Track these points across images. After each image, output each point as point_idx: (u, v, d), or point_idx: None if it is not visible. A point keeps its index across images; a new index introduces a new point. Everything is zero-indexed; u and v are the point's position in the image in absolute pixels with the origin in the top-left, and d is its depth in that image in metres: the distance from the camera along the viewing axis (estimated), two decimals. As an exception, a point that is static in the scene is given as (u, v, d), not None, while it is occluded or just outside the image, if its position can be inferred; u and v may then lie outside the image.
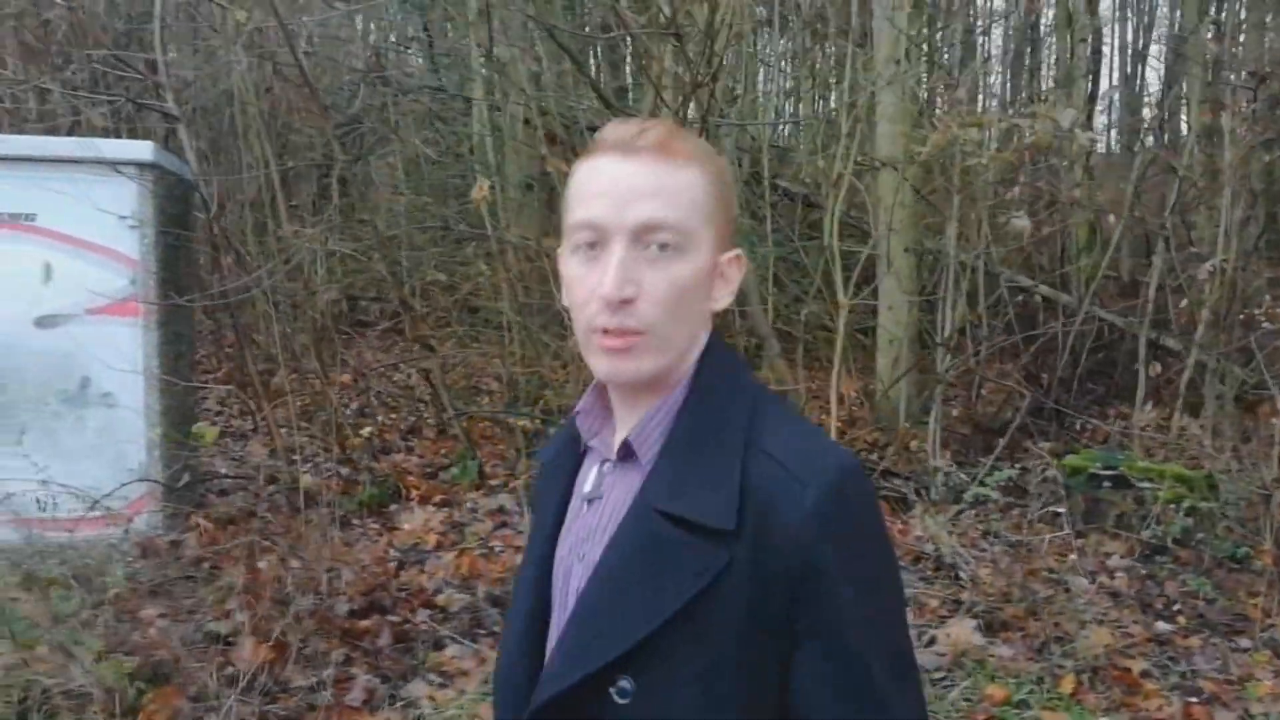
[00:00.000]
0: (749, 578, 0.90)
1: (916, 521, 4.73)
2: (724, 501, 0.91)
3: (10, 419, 4.18)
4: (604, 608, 0.93)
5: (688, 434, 0.96)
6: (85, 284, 4.22)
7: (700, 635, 0.90)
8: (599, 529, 0.99)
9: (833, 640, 0.90)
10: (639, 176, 0.93)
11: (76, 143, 4.38)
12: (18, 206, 4.14)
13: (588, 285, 0.94)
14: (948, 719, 2.96)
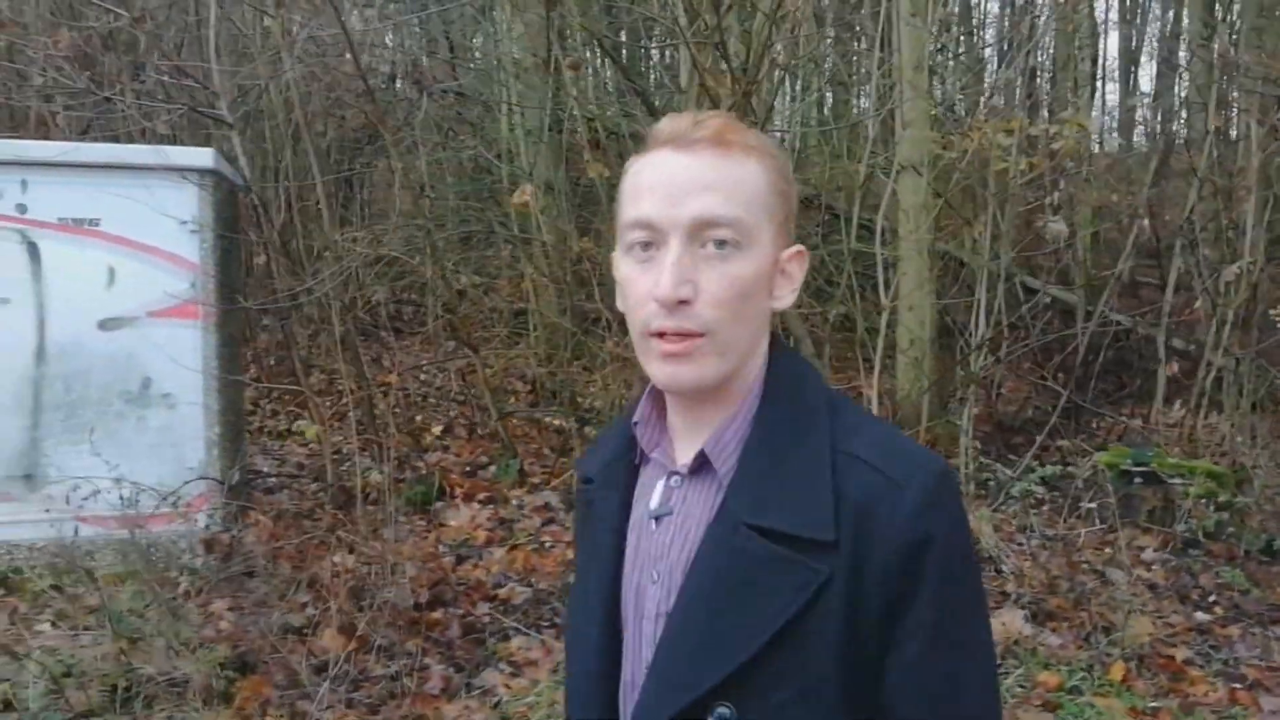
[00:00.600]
0: (849, 588, 0.86)
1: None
2: (819, 511, 0.87)
3: (76, 419, 4.29)
4: (698, 631, 0.89)
5: (769, 442, 0.91)
6: (147, 287, 4.33)
7: (800, 653, 0.86)
8: (673, 546, 0.93)
9: (932, 644, 0.87)
10: (695, 170, 0.88)
11: (140, 150, 4.48)
12: (83, 212, 4.24)
13: (643, 287, 0.89)
14: (1004, 704, 3.08)
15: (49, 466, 4.28)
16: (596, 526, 1.01)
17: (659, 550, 0.94)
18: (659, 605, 0.93)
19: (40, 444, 4.27)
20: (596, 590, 0.98)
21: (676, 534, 0.93)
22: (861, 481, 0.87)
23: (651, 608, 0.94)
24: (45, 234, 4.22)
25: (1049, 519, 4.73)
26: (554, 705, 3.05)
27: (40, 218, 4.20)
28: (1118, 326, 7.12)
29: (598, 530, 1.00)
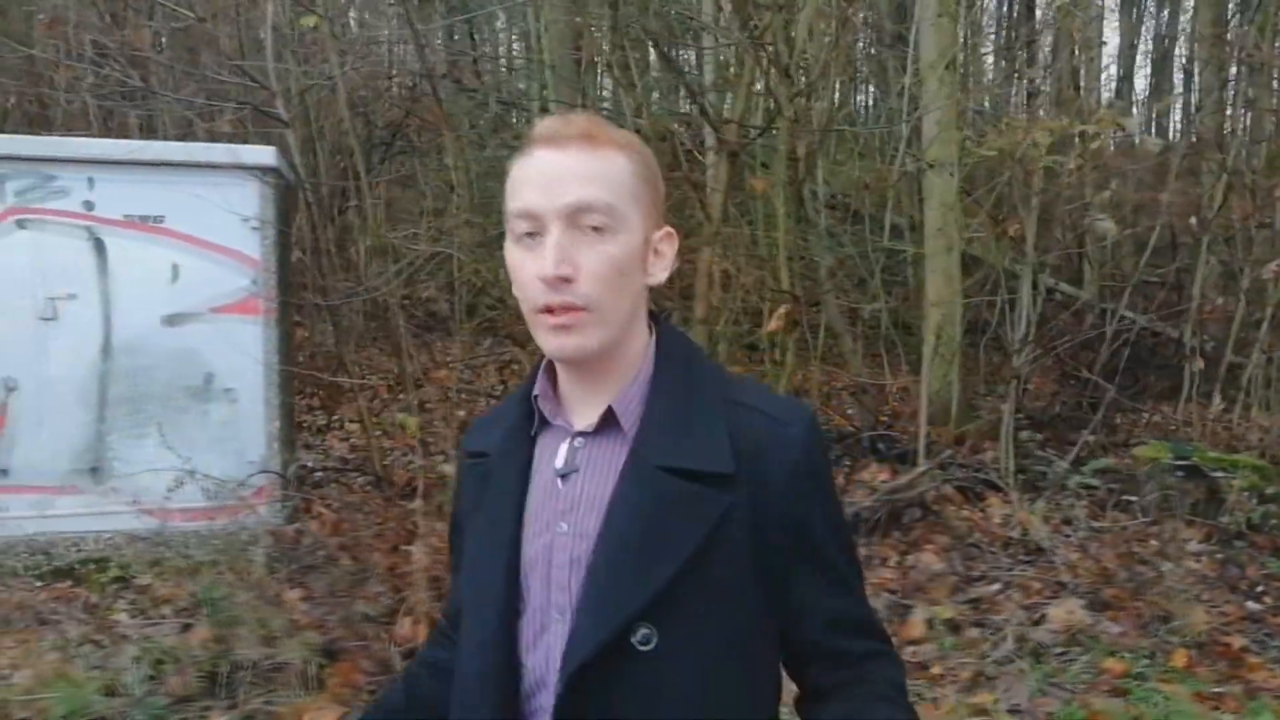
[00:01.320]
0: (749, 515, 0.99)
1: (994, 509, 4.95)
2: (719, 449, 0.99)
3: (141, 413, 4.36)
4: (620, 564, 0.98)
5: (669, 399, 1.03)
6: (210, 283, 4.39)
7: (710, 571, 0.98)
8: (583, 498, 1.02)
9: (830, 549, 1.04)
10: (567, 164, 0.98)
11: (205, 148, 4.55)
12: (148, 209, 4.31)
13: (530, 269, 0.99)
14: (1073, 689, 3.16)
15: (114, 460, 4.35)
16: (495, 494, 1.08)
17: (567, 504, 1.03)
18: (570, 551, 1.01)
19: (106, 438, 4.33)
20: (501, 547, 1.04)
21: (585, 486, 1.03)
22: (752, 423, 1.02)
23: (562, 556, 1.02)
24: (111, 231, 4.28)
25: (1090, 512, 4.80)
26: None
27: (106, 215, 4.27)
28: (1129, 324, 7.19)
29: (497, 497, 1.07)
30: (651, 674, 0.97)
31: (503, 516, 1.06)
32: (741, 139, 4.67)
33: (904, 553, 4.37)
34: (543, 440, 1.08)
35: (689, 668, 0.98)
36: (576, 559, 1.01)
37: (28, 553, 4.21)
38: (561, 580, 1.02)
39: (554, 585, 1.02)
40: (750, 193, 5.15)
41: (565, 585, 1.01)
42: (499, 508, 1.07)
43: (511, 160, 1.04)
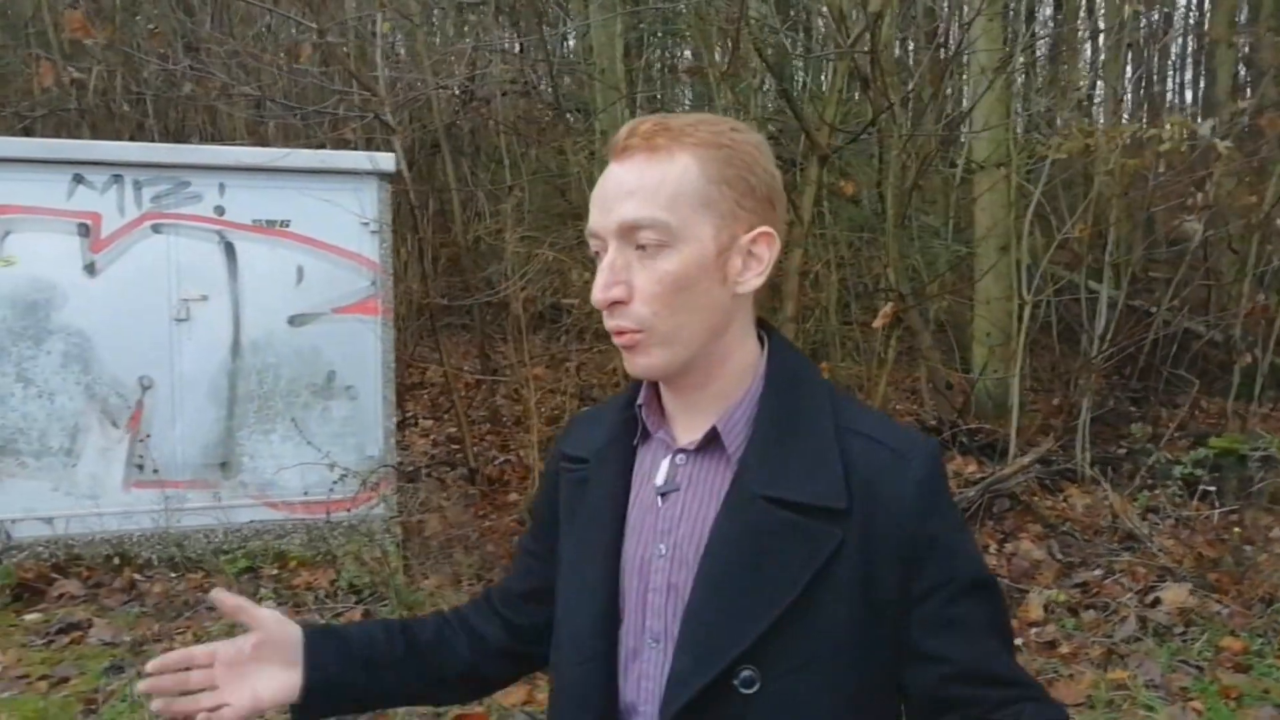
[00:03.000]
0: (860, 553, 0.92)
1: (1074, 498, 5.15)
2: (831, 481, 0.93)
3: (267, 410, 4.53)
4: (721, 600, 0.93)
5: (777, 422, 0.97)
6: (332, 285, 4.56)
7: (818, 615, 0.92)
8: (683, 520, 0.98)
9: (948, 588, 0.94)
10: (622, 178, 0.94)
11: (329, 154, 4.71)
12: (274, 214, 4.48)
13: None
14: (1199, 665, 3.34)
15: (243, 455, 4.51)
16: (593, 504, 1.04)
17: (666, 524, 0.98)
18: (667, 576, 0.97)
19: (235, 434, 4.50)
20: (599, 563, 1.01)
21: (685, 508, 0.98)
22: (868, 454, 0.95)
23: (659, 579, 0.98)
24: (241, 235, 4.45)
25: (1172, 501, 4.99)
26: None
27: (236, 219, 4.44)
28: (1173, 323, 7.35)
29: (595, 507, 1.03)
30: (753, 717, 0.92)
31: (603, 527, 1.02)
32: (833, 143, 4.84)
33: (1001, 541, 4.55)
34: (644, 452, 1.04)
35: (792, 713, 0.93)
36: (674, 586, 0.97)
37: (161, 545, 4.38)
38: (657, 605, 0.98)
39: (649, 610, 0.98)
40: (842, 195, 5.32)
41: (660, 611, 0.98)
42: (599, 518, 1.03)
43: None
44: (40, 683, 3.19)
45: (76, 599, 3.98)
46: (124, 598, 4.03)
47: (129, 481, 4.38)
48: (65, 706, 3.00)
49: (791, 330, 5.18)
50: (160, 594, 4.07)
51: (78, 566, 4.24)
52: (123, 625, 3.70)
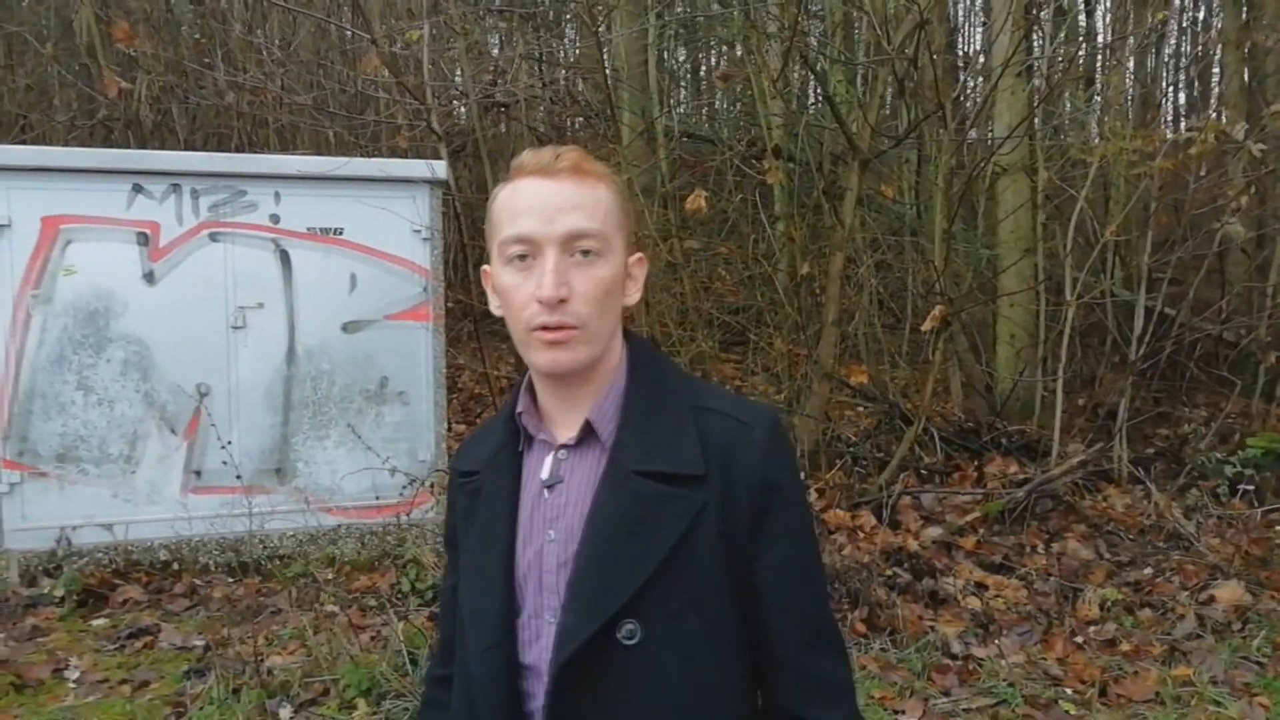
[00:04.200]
0: (720, 511, 1.06)
1: (1113, 498, 5.20)
2: (690, 452, 1.07)
3: (321, 415, 4.57)
4: (603, 564, 1.05)
5: (642, 408, 1.10)
6: (384, 292, 4.61)
7: (688, 569, 1.04)
8: (569, 505, 1.09)
9: (793, 542, 1.10)
10: (562, 194, 1.05)
11: (381, 163, 4.76)
12: (328, 221, 4.53)
13: (525, 291, 1.06)
14: (1259, 661, 3.40)
15: (298, 461, 4.56)
16: (486, 509, 1.13)
17: (554, 512, 1.10)
18: (559, 556, 1.08)
19: (290, 440, 4.55)
20: (496, 559, 1.10)
21: (570, 495, 1.10)
22: (719, 426, 1.09)
23: (553, 560, 1.08)
24: (295, 243, 4.50)
25: (1213, 501, 5.04)
26: (863, 669, 3.35)
27: (291, 227, 4.49)
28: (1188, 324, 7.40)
29: (489, 511, 1.13)
30: (638, 667, 1.03)
31: (496, 528, 1.12)
32: (875, 147, 4.89)
33: (1048, 541, 4.60)
34: (529, 456, 1.14)
35: (673, 659, 1.04)
36: (564, 562, 1.08)
37: (219, 550, 4.42)
38: (551, 584, 1.08)
39: (545, 589, 1.08)
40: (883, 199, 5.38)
41: (555, 588, 1.08)
42: (492, 520, 1.12)
43: (497, 190, 1.12)
44: (122, 687, 3.24)
45: (140, 604, 4.03)
46: (186, 602, 4.08)
47: (186, 487, 4.42)
48: (152, 710, 3.05)
49: (834, 334, 5.23)
50: (220, 598, 4.11)
51: (137, 572, 4.29)
52: (191, 630, 3.74)
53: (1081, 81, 7.93)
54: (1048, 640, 3.61)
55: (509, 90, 5.14)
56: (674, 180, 6.82)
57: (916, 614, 3.81)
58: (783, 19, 4.39)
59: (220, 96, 5.65)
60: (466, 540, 1.15)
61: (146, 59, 5.04)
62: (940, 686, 3.28)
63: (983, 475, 5.14)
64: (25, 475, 4.20)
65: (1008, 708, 3.13)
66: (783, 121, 5.23)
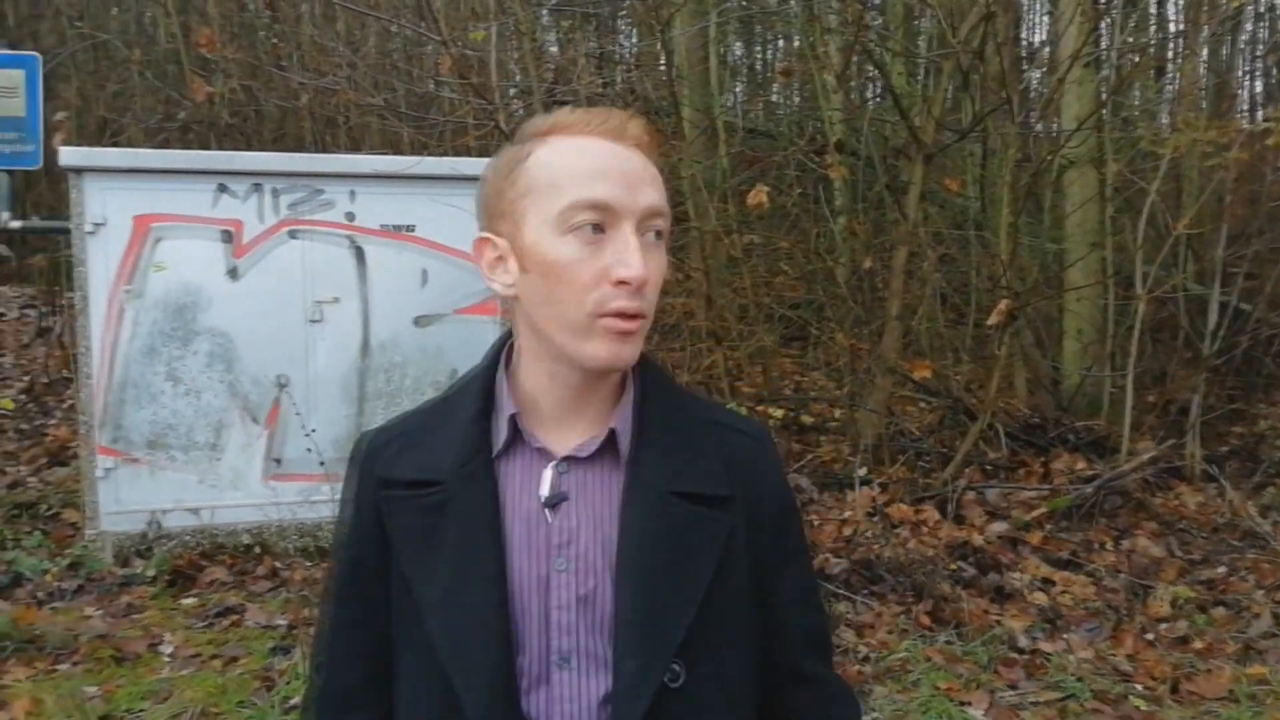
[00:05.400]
0: (746, 532, 0.97)
1: (1185, 496, 5.11)
2: (718, 471, 0.97)
3: (394, 408, 4.72)
4: (650, 600, 0.92)
5: (661, 420, 0.98)
6: (454, 287, 4.75)
7: (726, 599, 0.95)
8: (582, 529, 0.94)
9: (801, 559, 1.06)
10: (637, 163, 0.92)
11: (454, 161, 4.90)
12: (400, 219, 4.68)
13: (594, 267, 0.90)
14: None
15: (371, 450, 4.71)
16: (461, 527, 0.94)
17: (563, 536, 0.94)
18: (575, 589, 0.93)
19: (364, 429, 4.69)
20: (486, 589, 0.93)
21: (583, 517, 0.94)
22: (734, 442, 1.01)
23: (565, 595, 0.93)
24: (369, 239, 4.65)
25: None
26: (928, 660, 3.37)
27: (365, 225, 4.64)
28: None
29: (466, 529, 0.94)
30: (683, 712, 0.92)
31: (482, 550, 0.93)
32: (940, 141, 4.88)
33: (1117, 538, 4.55)
34: (507, 465, 0.97)
35: (715, 699, 0.95)
36: (585, 598, 0.93)
37: (298, 535, 4.60)
38: (566, 623, 0.94)
39: (554, 628, 0.93)
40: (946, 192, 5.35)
41: (571, 628, 0.94)
42: (474, 540, 0.94)
43: (530, 147, 0.94)
44: (213, 661, 3.41)
45: (226, 585, 4.22)
46: (268, 584, 4.26)
47: (267, 475, 4.61)
48: (243, 683, 3.21)
49: (897, 328, 5.23)
50: (300, 580, 4.28)
51: (222, 554, 4.48)
52: (274, 610, 3.91)
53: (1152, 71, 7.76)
54: (1117, 636, 3.59)
55: (571, 89, 5.23)
56: (735, 176, 6.87)
57: (982, 608, 3.81)
58: (845, 14, 4.41)
59: (295, 98, 5.85)
60: (424, 568, 0.95)
61: (226, 63, 5.26)
62: (1007, 679, 3.29)
63: (1049, 471, 5.09)
64: (119, 461, 4.42)
65: (1076, 702, 3.12)
66: (844, 116, 5.24)
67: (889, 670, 3.36)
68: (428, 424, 1.01)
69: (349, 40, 5.47)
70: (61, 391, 6.76)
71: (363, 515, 1.00)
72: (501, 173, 0.96)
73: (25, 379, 7.15)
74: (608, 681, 0.93)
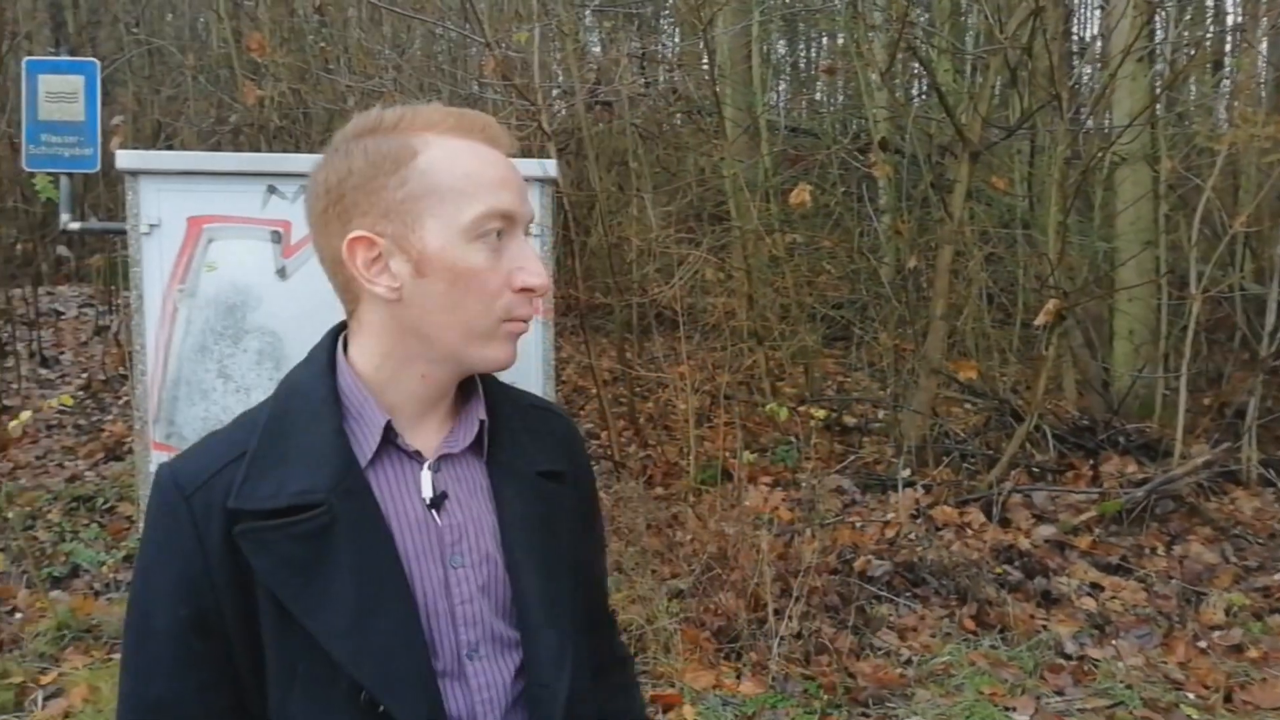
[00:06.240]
0: (577, 504, 1.06)
1: (1241, 500, 4.98)
2: (554, 448, 1.04)
3: (437, 405, 4.79)
4: (542, 574, 0.98)
5: (507, 409, 1.03)
6: (497, 286, 4.79)
7: (580, 567, 1.04)
8: (469, 524, 0.96)
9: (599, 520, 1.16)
10: (517, 169, 0.96)
11: (495, 162, 4.96)
12: (444, 219, 4.73)
13: (500, 274, 0.92)
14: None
15: (415, 447, 4.78)
16: (354, 546, 0.90)
17: (454, 534, 0.95)
18: (476, 581, 0.95)
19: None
20: (397, 603, 0.90)
21: (467, 512, 0.96)
22: (556, 422, 1.09)
23: (467, 589, 0.95)
24: (414, 239, 4.71)
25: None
26: (971, 665, 3.33)
27: (410, 225, 4.70)
28: None
29: (361, 548, 0.90)
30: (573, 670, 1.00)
31: (383, 565, 0.90)
32: (986, 139, 4.81)
33: (1169, 543, 4.44)
34: (375, 473, 0.93)
35: (582, 656, 1.01)
36: (484, 588, 0.96)
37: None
38: (471, 615, 0.95)
39: (461, 623, 0.95)
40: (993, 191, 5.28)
41: (476, 620, 0.95)
42: (372, 557, 0.90)
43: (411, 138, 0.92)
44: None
45: (274, 579, 4.30)
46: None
47: (314, 471, 4.69)
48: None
49: (942, 329, 5.16)
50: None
51: (270, 549, 4.58)
52: (320, 604, 3.98)
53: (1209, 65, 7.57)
54: (1168, 643, 3.51)
55: (614, 89, 5.25)
56: (777, 175, 6.84)
57: (1028, 613, 3.75)
58: (890, 10, 4.36)
59: (342, 101, 5.94)
60: (314, 597, 0.88)
61: (275, 67, 5.36)
62: (1053, 686, 3.23)
63: (1099, 474, 4.99)
64: (172, 456, 4.53)
65: (1125, 709, 3.06)
66: (889, 113, 5.19)
67: (931, 674, 3.32)
68: (268, 444, 0.92)
69: (395, 43, 5.56)
70: (118, 388, 6.96)
71: (207, 559, 0.89)
72: (378, 167, 0.92)
73: (84, 376, 7.37)
74: (513, 660, 0.97)
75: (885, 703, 3.15)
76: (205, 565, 0.89)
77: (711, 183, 5.91)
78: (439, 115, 0.94)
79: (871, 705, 3.14)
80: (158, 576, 0.92)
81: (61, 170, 5.42)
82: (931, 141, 5.55)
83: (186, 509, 0.91)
